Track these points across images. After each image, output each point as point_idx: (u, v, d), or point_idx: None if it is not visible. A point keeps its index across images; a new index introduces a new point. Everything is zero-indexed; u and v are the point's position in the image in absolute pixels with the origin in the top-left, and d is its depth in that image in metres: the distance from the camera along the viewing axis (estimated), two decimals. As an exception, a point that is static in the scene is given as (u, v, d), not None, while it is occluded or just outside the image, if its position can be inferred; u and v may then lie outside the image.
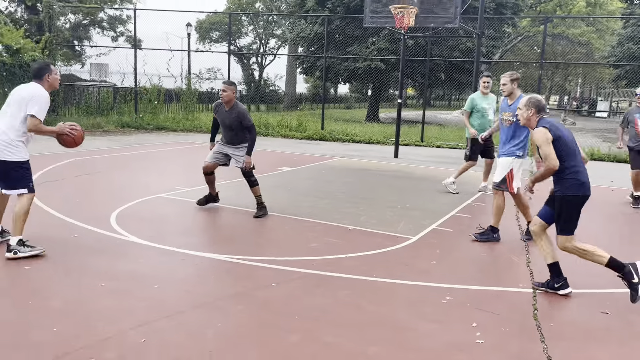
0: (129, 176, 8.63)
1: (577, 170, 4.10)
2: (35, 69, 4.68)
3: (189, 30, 26.50)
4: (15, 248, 4.47)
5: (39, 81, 4.65)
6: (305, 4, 25.37)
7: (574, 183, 4.08)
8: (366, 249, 5.18)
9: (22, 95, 4.53)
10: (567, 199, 4.10)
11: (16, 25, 19.88)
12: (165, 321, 3.43)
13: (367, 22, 11.54)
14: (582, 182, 4.10)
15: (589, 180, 4.15)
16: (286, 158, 11.66)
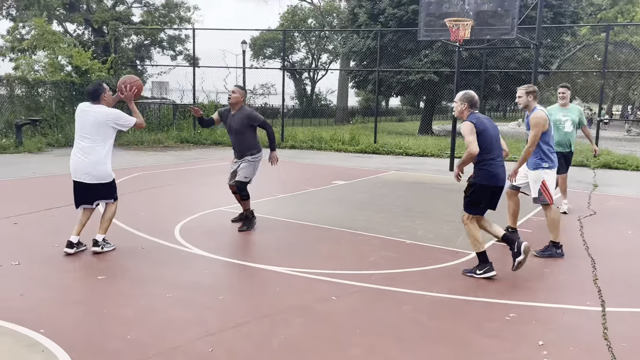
0: (190, 190, 8.94)
1: (492, 163, 4.68)
2: (91, 91, 5.08)
3: (243, 48, 27.23)
4: (102, 244, 5.21)
5: (97, 102, 5.07)
6: (357, 19, 25.58)
7: (486, 174, 4.68)
8: (425, 263, 5.15)
9: (98, 121, 4.99)
10: (477, 186, 4.73)
11: (84, 47, 21.06)
12: (231, 331, 3.54)
13: (421, 35, 11.52)
14: (493, 174, 4.69)
15: (504, 174, 4.74)
16: (340, 172, 11.74)
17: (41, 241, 5.57)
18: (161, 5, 32.57)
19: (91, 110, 5.03)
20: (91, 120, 4.99)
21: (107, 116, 5.01)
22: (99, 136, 5.02)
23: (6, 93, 15.13)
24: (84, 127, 5.02)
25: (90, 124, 5.00)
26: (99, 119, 4.98)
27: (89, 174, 5.08)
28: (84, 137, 5.04)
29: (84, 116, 5.05)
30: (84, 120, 5.03)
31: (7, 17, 29.20)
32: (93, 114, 5.00)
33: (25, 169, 10.71)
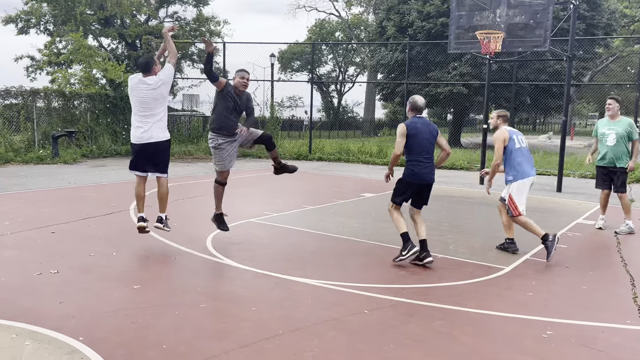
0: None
1: (417, 164, 5.45)
2: (143, 64, 5.73)
3: (272, 61, 27.54)
4: (165, 222, 5.92)
5: (149, 73, 5.67)
6: (385, 32, 25.65)
7: (409, 172, 5.50)
8: (457, 278, 5.10)
9: (152, 87, 5.62)
10: (400, 179, 5.58)
11: (118, 60, 21.63)
12: (265, 343, 3.56)
13: (451, 48, 11.49)
14: (414, 173, 5.48)
15: (429, 174, 5.49)
16: (368, 184, 11.72)
17: (78, 250, 5.70)
18: (192, 20, 33.27)
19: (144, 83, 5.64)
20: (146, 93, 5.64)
21: (160, 79, 5.68)
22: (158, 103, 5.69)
23: (44, 105, 15.63)
24: (143, 100, 5.66)
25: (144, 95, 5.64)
26: (153, 86, 5.63)
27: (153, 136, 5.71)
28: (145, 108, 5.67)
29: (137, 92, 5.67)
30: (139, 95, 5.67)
31: (44, 32, 30.22)
32: (145, 84, 5.63)
33: (61, 180, 11.00)
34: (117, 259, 5.45)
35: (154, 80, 5.65)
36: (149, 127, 5.68)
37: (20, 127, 14.98)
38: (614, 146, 7.25)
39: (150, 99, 5.63)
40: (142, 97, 5.64)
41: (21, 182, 10.54)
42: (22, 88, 15.17)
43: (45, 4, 28.82)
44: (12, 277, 4.75)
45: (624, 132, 7.23)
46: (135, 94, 5.68)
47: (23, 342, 3.44)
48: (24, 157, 13.82)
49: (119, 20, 30.91)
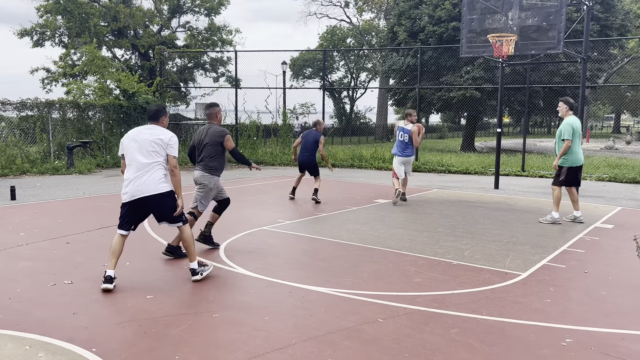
0: (232, 209, 9.02)
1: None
2: (153, 112, 5.13)
3: (284, 68, 27.62)
4: (200, 270, 5.05)
5: (156, 122, 5.10)
6: (397, 37, 25.61)
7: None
8: (473, 285, 5.01)
9: (160, 138, 4.91)
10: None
11: (131, 71, 21.85)
12: (277, 353, 3.51)
13: (463, 52, 11.40)
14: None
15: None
16: (381, 190, 11.65)
17: (92, 260, 5.72)
18: (204, 29, 33.54)
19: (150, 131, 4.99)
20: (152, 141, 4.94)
21: (170, 139, 4.98)
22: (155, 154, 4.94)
23: (59, 117, 15.81)
24: (143, 148, 4.96)
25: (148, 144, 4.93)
26: (161, 138, 4.94)
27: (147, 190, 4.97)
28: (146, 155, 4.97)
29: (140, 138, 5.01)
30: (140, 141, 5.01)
31: (59, 44, 30.67)
32: (154, 135, 4.95)
33: (76, 190, 11.10)
34: (131, 269, 5.45)
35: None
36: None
37: (36, 138, 15.17)
38: (555, 145, 8.15)
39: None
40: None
41: (37, 192, 10.65)
42: (37, 100, 15.37)
43: (59, 16, 29.28)
44: (26, 288, 4.77)
45: (559, 131, 7.98)
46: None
47: (36, 354, 3.44)
48: (40, 168, 13.98)
49: (132, 31, 31.30)
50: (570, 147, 7.80)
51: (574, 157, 7.90)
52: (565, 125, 7.83)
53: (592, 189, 12.20)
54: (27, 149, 14.75)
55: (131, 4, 30.75)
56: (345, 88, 47.67)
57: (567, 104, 7.99)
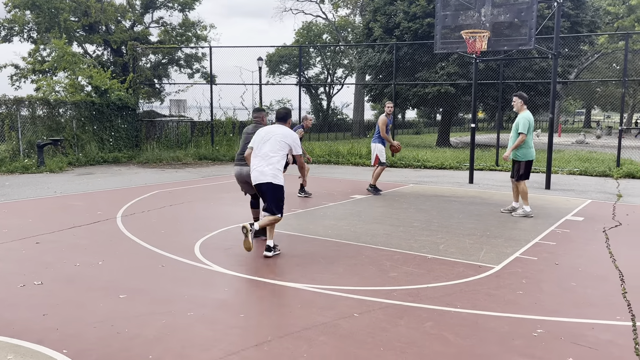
0: (208, 206, 8.96)
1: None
2: (282, 114, 6.07)
3: (260, 64, 27.47)
4: (274, 249, 5.85)
5: (284, 123, 5.99)
6: (372, 34, 25.69)
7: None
8: (447, 278, 5.07)
9: (287, 136, 5.80)
10: None
11: (104, 67, 21.45)
12: (253, 350, 3.50)
13: (437, 48, 11.50)
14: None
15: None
16: (358, 186, 11.69)
17: (63, 260, 5.61)
18: (178, 25, 33.13)
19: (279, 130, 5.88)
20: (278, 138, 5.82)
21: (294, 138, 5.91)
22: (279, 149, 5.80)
23: (28, 114, 15.44)
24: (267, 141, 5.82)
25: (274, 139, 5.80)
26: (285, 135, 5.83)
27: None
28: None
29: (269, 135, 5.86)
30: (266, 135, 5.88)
31: (28, 40, 29.96)
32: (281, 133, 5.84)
33: (47, 189, 10.87)
34: (103, 268, 5.36)
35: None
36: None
37: (4, 136, 14.80)
38: (510, 138, 8.29)
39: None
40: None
41: (5, 192, 10.39)
42: (5, 97, 14.98)
43: (28, 11, 28.57)
44: (-6, 289, 4.65)
45: (515, 125, 8.21)
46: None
47: (5, 356, 3.36)
48: (9, 167, 13.65)
49: (104, 26, 30.72)
50: (525, 141, 8.03)
51: (530, 151, 8.13)
52: (522, 119, 7.99)
53: (563, 182, 12.45)
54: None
55: (103, -2, 30.21)
56: (322, 84, 47.66)
57: (522, 98, 8.20)
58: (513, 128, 8.23)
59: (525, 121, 7.99)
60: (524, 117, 8.00)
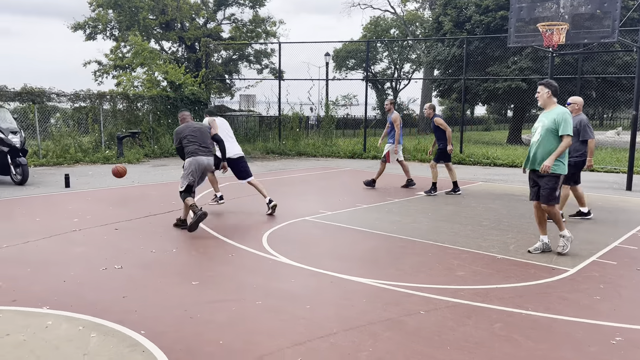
0: (275, 199, 9.13)
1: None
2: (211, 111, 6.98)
3: (327, 60, 27.60)
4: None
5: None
6: (442, 28, 25.15)
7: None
8: (518, 279, 4.91)
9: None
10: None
11: (178, 63, 22.32)
12: (319, 341, 3.55)
13: (511, 42, 11.10)
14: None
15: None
16: (424, 182, 11.51)
17: (140, 246, 5.92)
18: (249, 21, 33.87)
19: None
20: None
21: None
22: None
23: (110, 108, 16.35)
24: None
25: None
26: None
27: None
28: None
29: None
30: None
31: (110, 38, 31.64)
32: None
33: (125, 179, 11.46)
34: (177, 255, 5.61)
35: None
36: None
37: (88, 128, 15.74)
38: (538, 144, 5.77)
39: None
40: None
41: (88, 181, 11.07)
42: (90, 91, 15.93)
43: (110, 10, 30.15)
44: (80, 271, 4.98)
45: (552, 125, 5.67)
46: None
47: (89, 334, 3.60)
48: (92, 157, 14.51)
49: (179, 24, 31.91)
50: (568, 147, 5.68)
51: (566, 161, 5.79)
52: (564, 116, 5.60)
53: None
54: (80, 138, 15.33)
55: (178, -3, 31.37)
56: (389, 79, 47.21)
57: (550, 87, 5.77)
58: (546, 127, 5.67)
59: (569, 119, 5.61)
60: (567, 114, 5.63)
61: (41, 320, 3.81)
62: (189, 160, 6.79)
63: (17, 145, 10.19)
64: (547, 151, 5.67)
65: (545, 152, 5.69)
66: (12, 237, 6.19)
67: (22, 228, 6.71)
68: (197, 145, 6.81)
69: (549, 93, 5.75)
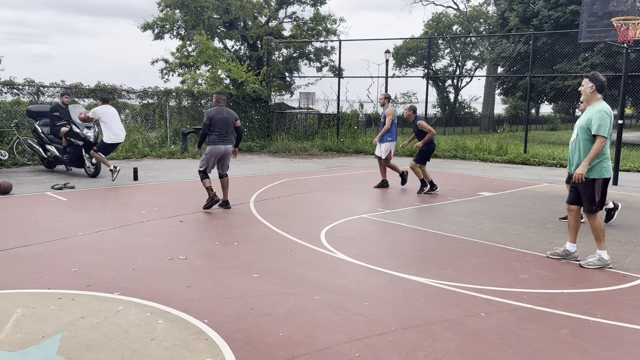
0: (333, 196, 9.19)
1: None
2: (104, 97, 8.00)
3: (387, 57, 27.38)
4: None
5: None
6: (507, 24, 24.40)
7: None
8: (586, 285, 4.72)
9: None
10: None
11: (240, 61, 22.81)
12: (377, 338, 3.56)
13: (582, 37, 10.63)
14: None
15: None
16: (486, 182, 11.24)
17: (203, 238, 6.12)
18: (309, 19, 34.13)
19: None
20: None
21: None
22: None
23: (175, 104, 16.95)
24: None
25: None
26: None
27: None
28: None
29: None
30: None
31: (177, 37, 32.78)
32: None
33: (190, 173, 11.87)
34: (238, 248, 5.76)
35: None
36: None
37: (155, 124, 16.39)
38: (575, 145, 5.39)
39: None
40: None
41: (155, 174, 11.54)
42: (157, 89, 16.57)
43: (177, 10, 31.22)
44: (148, 261, 5.22)
45: (586, 124, 5.23)
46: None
47: (156, 321, 3.77)
48: (158, 152, 15.11)
49: (242, 22, 32.61)
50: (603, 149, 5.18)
51: (607, 164, 5.28)
52: (600, 114, 5.12)
53: None
54: (147, 134, 15.99)
55: (241, -4, 32.06)
56: (450, 77, 46.27)
57: (595, 81, 5.29)
58: (581, 127, 5.30)
59: (605, 117, 5.13)
60: (604, 111, 5.16)
61: (113, 305, 4.03)
62: (209, 147, 7.85)
63: (91, 139, 10.76)
64: (583, 153, 5.27)
65: (581, 154, 5.31)
66: (86, 227, 6.56)
67: (95, 218, 7.09)
68: (218, 135, 7.75)
69: (593, 88, 5.28)
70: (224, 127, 7.72)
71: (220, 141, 7.75)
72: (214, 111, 7.74)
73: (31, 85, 13.80)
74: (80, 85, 14.83)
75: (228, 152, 7.87)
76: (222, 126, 7.71)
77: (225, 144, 7.79)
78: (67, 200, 8.35)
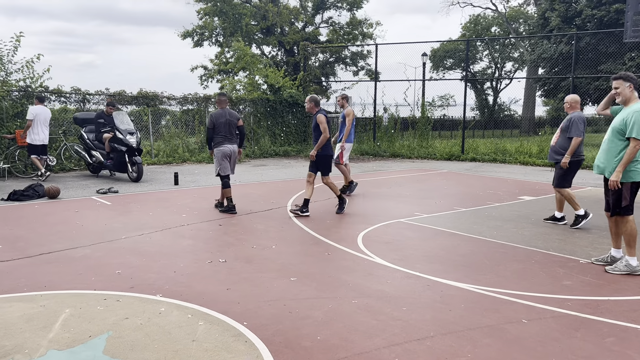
0: (370, 200, 9.17)
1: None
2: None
3: (424, 60, 27.16)
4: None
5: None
6: (548, 24, 23.85)
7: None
8: (634, 293, 4.56)
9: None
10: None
11: (277, 66, 23.04)
12: (415, 343, 3.54)
13: (628, 37, 10.30)
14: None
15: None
16: (527, 186, 10.99)
17: (242, 242, 6.21)
18: (346, 24, 34.20)
19: None
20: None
21: None
22: None
23: (214, 110, 17.23)
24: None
25: None
26: None
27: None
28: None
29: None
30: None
31: (215, 44, 33.40)
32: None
33: (228, 177, 12.05)
34: (276, 252, 5.82)
35: None
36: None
37: (194, 130, 16.72)
38: (605, 145, 5.21)
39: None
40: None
41: (195, 179, 11.77)
42: (197, 95, 16.91)
43: (216, 18, 31.82)
44: (188, 263, 5.33)
45: (619, 125, 5.04)
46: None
47: (197, 322, 3.85)
48: (198, 157, 15.41)
49: (279, 28, 32.95)
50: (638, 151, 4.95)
51: (638, 166, 5.03)
52: (636, 114, 4.88)
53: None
54: (187, 139, 16.33)
55: (279, 2, 32.40)
56: (489, 79, 45.47)
57: (629, 80, 5.05)
58: (615, 128, 5.09)
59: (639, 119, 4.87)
60: (636, 112, 4.89)
61: (155, 307, 4.13)
62: (217, 150, 8.04)
63: (134, 145, 11.07)
64: (612, 155, 5.07)
65: (609, 156, 5.09)
66: (130, 230, 6.76)
67: (138, 221, 7.29)
68: (223, 137, 8.02)
69: (631, 87, 5.04)
70: (227, 129, 8.04)
71: (227, 141, 8.05)
72: (217, 114, 8.07)
73: (77, 93, 14.31)
74: (123, 93, 15.28)
75: (234, 151, 8.15)
76: (226, 128, 8.03)
77: (231, 143, 8.09)
78: (111, 204, 8.61)
